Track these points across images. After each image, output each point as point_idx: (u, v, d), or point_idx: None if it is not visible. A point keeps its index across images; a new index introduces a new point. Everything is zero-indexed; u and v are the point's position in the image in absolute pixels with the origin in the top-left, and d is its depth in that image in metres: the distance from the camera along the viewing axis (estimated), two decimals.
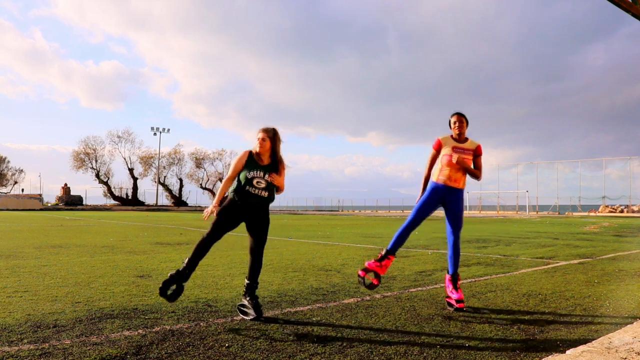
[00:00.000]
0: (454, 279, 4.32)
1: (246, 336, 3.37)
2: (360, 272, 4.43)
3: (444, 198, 4.36)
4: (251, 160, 4.01)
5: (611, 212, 44.62)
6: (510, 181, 55.27)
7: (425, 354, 3.01)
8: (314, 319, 3.89)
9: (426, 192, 4.40)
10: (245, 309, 3.96)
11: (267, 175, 3.97)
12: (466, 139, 4.46)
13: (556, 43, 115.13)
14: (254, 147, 4.05)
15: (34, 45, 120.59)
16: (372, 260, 4.43)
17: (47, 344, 3.12)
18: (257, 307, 3.91)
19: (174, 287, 3.91)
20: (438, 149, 4.46)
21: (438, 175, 4.38)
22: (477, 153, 4.44)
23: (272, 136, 4.03)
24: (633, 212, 43.58)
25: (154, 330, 3.50)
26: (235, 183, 4.07)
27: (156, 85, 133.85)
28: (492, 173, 57.07)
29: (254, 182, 3.95)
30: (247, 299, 3.96)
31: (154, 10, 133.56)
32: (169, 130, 71.29)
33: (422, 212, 4.38)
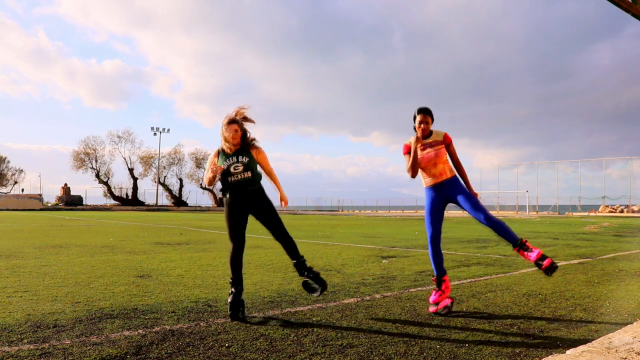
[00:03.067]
0: (521, 245, 3.93)
1: (246, 336, 3.37)
2: (431, 310, 4.14)
3: (444, 195, 4.21)
4: (222, 155, 4.10)
5: (611, 212, 44.62)
6: (511, 181, 55.32)
7: (425, 354, 3.01)
8: (314, 319, 3.89)
9: (426, 203, 4.30)
10: (310, 285, 4.18)
11: (240, 157, 4.03)
12: (431, 132, 4.25)
13: (562, 42, 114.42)
14: (222, 143, 4.11)
15: (37, 44, 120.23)
16: (433, 294, 4.23)
17: (47, 344, 3.12)
18: (317, 277, 4.12)
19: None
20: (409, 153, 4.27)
21: (424, 180, 4.28)
22: (447, 142, 4.22)
23: (241, 125, 4.10)
24: (633, 212, 43.58)
25: (154, 330, 3.50)
26: (221, 186, 4.17)
27: (159, 84, 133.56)
28: (493, 173, 57.18)
29: (231, 168, 4.01)
30: (305, 274, 4.13)
31: (158, 9, 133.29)
32: (169, 130, 71.47)
33: (435, 220, 4.25)
